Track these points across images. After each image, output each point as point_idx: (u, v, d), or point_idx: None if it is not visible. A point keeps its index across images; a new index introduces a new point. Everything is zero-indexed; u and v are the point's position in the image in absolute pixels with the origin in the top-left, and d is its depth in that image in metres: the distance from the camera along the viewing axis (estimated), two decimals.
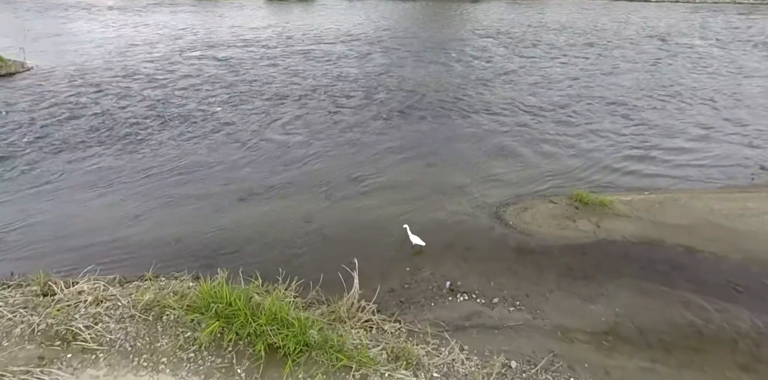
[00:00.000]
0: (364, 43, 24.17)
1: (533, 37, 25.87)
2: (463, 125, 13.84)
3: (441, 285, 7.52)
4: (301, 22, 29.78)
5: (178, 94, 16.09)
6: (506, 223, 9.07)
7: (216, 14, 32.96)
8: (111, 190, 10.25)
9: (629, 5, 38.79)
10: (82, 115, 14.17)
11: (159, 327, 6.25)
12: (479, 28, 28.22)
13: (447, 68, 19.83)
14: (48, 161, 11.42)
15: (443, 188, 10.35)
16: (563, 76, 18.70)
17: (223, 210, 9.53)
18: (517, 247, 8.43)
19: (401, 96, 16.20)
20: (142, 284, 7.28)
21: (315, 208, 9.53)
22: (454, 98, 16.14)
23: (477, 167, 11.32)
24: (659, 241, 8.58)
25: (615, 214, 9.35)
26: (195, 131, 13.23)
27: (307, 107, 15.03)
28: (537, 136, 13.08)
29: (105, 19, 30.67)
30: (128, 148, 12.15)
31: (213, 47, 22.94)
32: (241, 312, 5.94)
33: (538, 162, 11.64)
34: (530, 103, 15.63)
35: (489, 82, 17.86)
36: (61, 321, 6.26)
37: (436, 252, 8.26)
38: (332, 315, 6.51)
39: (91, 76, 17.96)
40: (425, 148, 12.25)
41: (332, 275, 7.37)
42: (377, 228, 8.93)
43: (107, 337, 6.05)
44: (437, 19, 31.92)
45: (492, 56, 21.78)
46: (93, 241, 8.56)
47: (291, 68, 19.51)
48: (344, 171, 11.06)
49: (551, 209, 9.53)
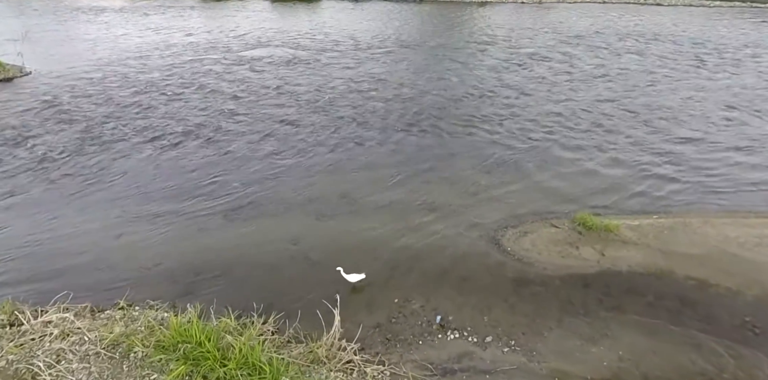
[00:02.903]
0: (365, 48, 23.69)
1: (540, 44, 25.18)
2: (464, 140, 13.31)
3: (431, 319, 7.03)
4: (304, 26, 29.38)
5: (173, 104, 15.75)
6: (504, 250, 8.55)
7: (221, 17, 32.73)
8: (94, 204, 9.91)
9: (640, 9, 37.84)
10: (71, 124, 13.87)
11: (125, 367, 5.85)
12: (485, 34, 27.58)
13: (450, 77, 19.29)
14: (29, 173, 11.11)
15: (439, 208, 9.85)
16: (571, 87, 18.02)
17: (207, 229, 9.14)
18: (515, 277, 7.90)
19: (400, 107, 15.70)
20: (114, 314, 6.90)
21: (303, 228, 9.10)
22: (456, 110, 15.62)
23: (476, 186, 10.79)
24: (668, 273, 8.00)
25: (621, 241, 8.77)
26: (186, 143, 12.88)
27: (300, 120, 14.58)
28: (541, 153, 12.51)
29: (111, 21, 30.57)
30: (115, 161, 11.81)
31: (214, 53, 22.64)
32: (210, 354, 5.51)
33: (540, 181, 11.08)
34: (534, 117, 15.02)
35: (493, 93, 17.29)
36: (22, 358, 5.89)
37: (427, 282, 7.77)
38: (310, 355, 6.05)
39: (88, 82, 17.72)
40: (422, 164, 11.75)
41: (315, 306, 6.94)
42: (366, 252, 8.47)
43: (68, 378, 5.66)
44: (443, 23, 31.34)
45: (497, 64, 21.18)
46: (70, 263, 8.21)
47: (288, 75, 19.11)
48: (336, 187, 10.61)
49: (553, 234, 8.99)
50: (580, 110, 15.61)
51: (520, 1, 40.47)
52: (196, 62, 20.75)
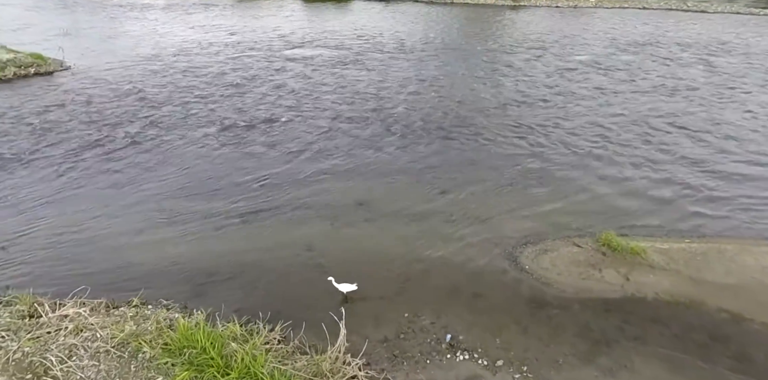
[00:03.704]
0: (393, 50, 23.58)
1: (575, 50, 24.41)
2: (488, 148, 12.99)
3: (441, 337, 6.82)
4: (342, 27, 29.50)
5: (203, 102, 16.07)
6: (522, 268, 8.23)
7: (261, 16, 33.25)
8: (118, 200, 10.17)
9: (686, 16, 36.21)
10: (103, 119, 14.34)
11: (132, 367, 5.92)
12: (517, 39, 26.98)
13: (477, 82, 18.93)
14: (61, 166, 11.52)
15: (456, 220, 9.61)
16: (627, 99, 17.21)
17: (224, 230, 9.21)
18: (531, 298, 7.59)
19: (423, 112, 15.49)
20: (127, 311, 7.01)
21: (317, 235, 9.04)
22: (482, 117, 15.29)
23: (496, 197, 10.49)
24: (699, 303, 7.50)
25: (648, 265, 8.31)
26: (212, 142, 13.08)
27: (316, 123, 14.53)
28: (567, 165, 12.07)
29: (154, 18, 31.55)
30: (142, 156, 12.12)
31: (256, 52, 22.94)
32: (213, 361, 5.49)
33: (565, 195, 10.66)
34: (579, 129, 14.44)
35: (522, 101, 16.84)
36: (37, 351, 6.04)
37: (439, 298, 7.55)
38: (314, 368, 5.95)
39: (126, 77, 18.29)
40: (441, 173, 11.52)
41: (322, 316, 6.84)
42: (379, 263, 8.33)
43: (78, 375, 5.77)
44: (473, 26, 30.88)
45: (528, 70, 20.68)
46: (91, 257, 8.43)
47: (314, 76, 19.18)
48: (353, 193, 10.52)
49: (575, 254, 8.60)
50: (630, 123, 14.88)
51: (555, 5, 39.48)
52: (236, 60, 21.08)
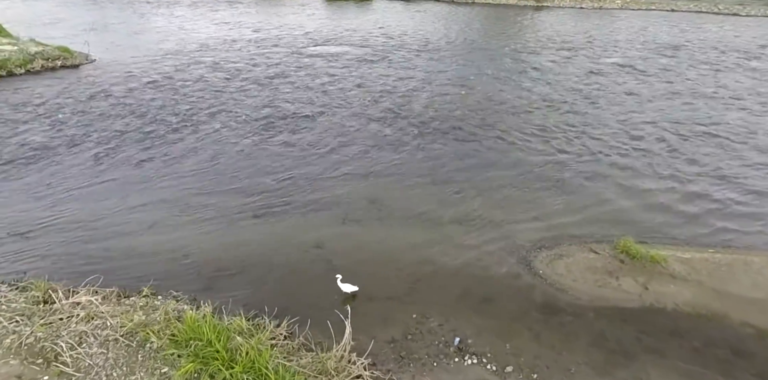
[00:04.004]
0: (418, 49, 23.45)
1: (606, 53, 23.79)
2: (509, 151, 12.73)
3: (449, 341, 6.68)
4: (365, 25, 29.52)
5: (229, 97, 16.21)
6: (536, 272, 8.02)
7: (285, 14, 33.52)
8: (140, 193, 10.29)
9: (719, 19, 35.09)
10: (128, 112, 14.59)
11: (139, 357, 5.95)
12: (544, 39, 26.50)
13: (504, 82, 18.64)
14: (90, 158, 11.75)
15: (469, 221, 9.44)
16: (639, 102, 16.77)
17: (236, 225, 9.24)
18: (544, 304, 7.38)
19: (447, 112, 15.32)
20: (138, 301, 7.07)
21: (328, 233, 8.99)
22: (506, 118, 15.01)
23: (511, 200, 10.27)
24: (722, 316, 7.18)
25: (669, 275, 8.00)
26: (235, 137, 13.16)
27: (339, 120, 14.54)
28: (590, 172, 11.72)
29: (181, 15, 32.10)
30: (160, 150, 12.27)
31: (280, 48, 23.11)
32: (218, 355, 5.48)
33: (585, 201, 10.36)
34: (604, 134, 14.01)
35: (548, 103, 16.44)
36: (48, 337, 6.13)
37: (449, 300, 7.41)
38: (319, 366, 5.88)
39: (148, 71, 18.62)
40: (457, 174, 11.35)
41: (329, 314, 6.77)
42: (389, 262, 8.23)
43: (86, 362, 5.83)
44: (497, 26, 30.54)
45: (557, 72, 20.23)
46: (107, 248, 8.54)
47: (340, 73, 19.18)
48: (366, 192, 10.44)
49: (591, 260, 8.35)
50: (662, 130, 14.38)
51: (579, 7, 38.77)
52: (261, 56, 21.27)
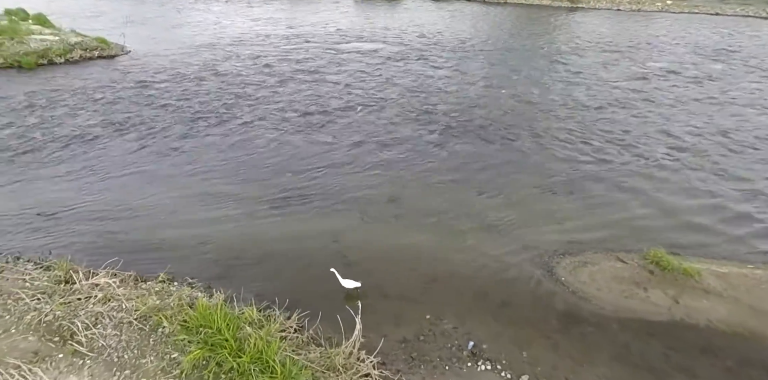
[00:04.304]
0: (455, 48, 23.09)
1: (652, 56, 22.78)
2: (536, 153, 12.32)
3: (462, 344, 6.45)
4: (397, 24, 29.41)
5: (253, 91, 16.37)
6: (557, 279, 7.68)
7: (311, 11, 33.81)
8: (161, 181, 10.48)
9: (759, 23, 33.25)
10: (155, 103, 14.92)
11: (151, 341, 5.98)
12: (585, 41, 25.61)
13: (544, 83, 18.09)
14: (113, 143, 12.07)
15: (491, 224, 9.15)
16: (687, 107, 15.91)
17: (254, 216, 9.26)
18: (565, 312, 7.05)
19: (476, 113, 14.99)
20: (154, 286, 7.14)
21: (345, 227, 8.89)
22: (544, 119, 14.54)
23: (536, 204, 9.91)
24: (759, 336, 6.67)
25: (702, 289, 7.51)
26: (257, 129, 13.26)
27: (369, 117, 14.43)
28: (625, 177, 11.18)
29: (217, 10, 32.78)
30: (188, 138, 12.48)
31: (304, 43, 23.29)
32: (227, 343, 5.44)
33: (616, 207, 9.89)
34: (632, 136, 13.44)
35: (589, 105, 15.80)
36: (66, 316, 6.25)
37: (465, 302, 7.17)
38: (327, 361, 5.77)
39: (182, 63, 19.03)
40: (480, 174, 11.05)
41: (340, 309, 6.65)
42: (404, 261, 8.05)
43: (100, 342, 5.90)
44: (533, 27, 29.83)
45: (601, 75, 19.37)
46: (129, 232, 8.70)
47: (376, 70, 19.06)
48: (386, 189, 10.30)
49: (618, 269, 7.93)
50: (709, 136, 13.62)
51: (616, 8, 37.47)
52: (297, 52, 21.42)
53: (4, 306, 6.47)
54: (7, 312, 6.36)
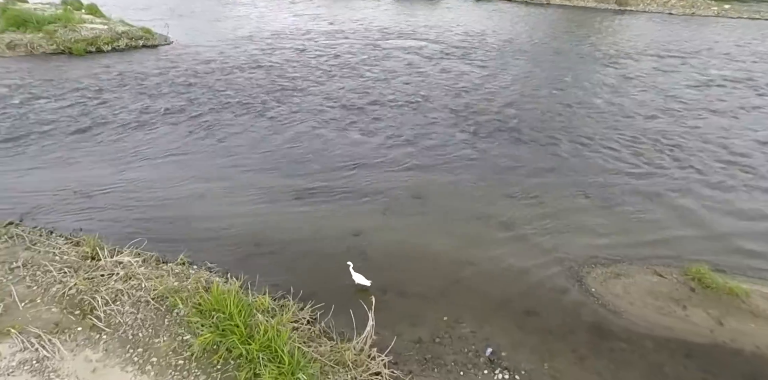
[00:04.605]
0: (499, 48, 22.45)
1: (714, 63, 21.26)
2: (579, 156, 11.70)
3: (480, 350, 6.14)
4: (432, 21, 29.07)
5: (291, 84, 16.43)
6: (587, 290, 7.21)
7: (351, 8, 33.87)
8: (191, 165, 10.64)
9: None
10: (195, 91, 15.24)
11: (166, 321, 6.01)
12: (635, 45, 24.29)
13: (589, 87, 17.26)
14: (148, 129, 12.38)
15: (519, 228, 8.74)
16: (753, 117, 14.80)
17: (278, 205, 9.24)
18: (593, 325, 6.59)
19: (511, 113, 14.44)
20: (174, 268, 7.20)
21: (367, 222, 8.72)
22: (585, 123, 13.81)
23: (571, 210, 9.39)
24: None
25: (750, 312, 6.86)
26: (291, 122, 13.27)
27: (408, 113, 14.15)
28: (668, 187, 10.43)
29: (262, 5, 33.33)
30: (219, 127, 12.66)
31: (345, 39, 23.30)
32: (237, 329, 5.36)
33: (657, 218, 9.24)
34: (686, 145, 12.54)
35: (644, 112, 14.84)
36: (88, 290, 6.37)
37: (486, 307, 6.84)
38: (337, 355, 5.60)
39: (220, 55, 19.41)
40: (514, 177, 10.61)
41: (355, 305, 6.47)
42: (425, 259, 7.79)
43: (117, 319, 5.97)
44: (581, 30, 28.70)
45: (659, 81, 18.21)
46: (156, 214, 8.85)
47: (410, 67, 18.86)
48: (412, 185, 10.05)
49: (655, 284, 7.37)
50: (765, 156, 12.43)
51: (667, 12, 35.56)
52: (338, 47, 21.45)
53: (33, 277, 6.68)
54: (35, 283, 6.55)
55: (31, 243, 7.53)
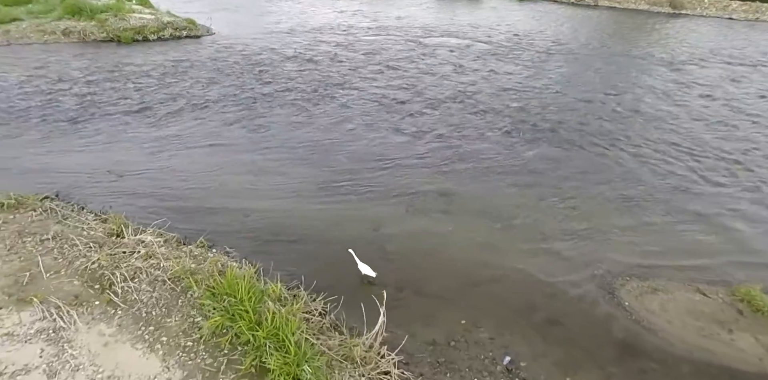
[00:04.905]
0: (548, 50, 21.60)
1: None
2: (625, 164, 10.95)
3: (497, 358, 5.78)
4: (475, 20, 28.44)
5: (332, 78, 16.33)
6: (619, 303, 6.69)
7: (393, 5, 33.63)
8: (223, 154, 10.71)
9: None
10: (232, 81, 15.45)
11: (179, 301, 6.00)
12: (696, 51, 22.68)
13: (637, 93, 16.23)
14: (190, 117, 12.62)
15: (549, 233, 8.26)
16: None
17: (301, 195, 9.16)
18: (624, 342, 6.09)
19: (561, 115, 13.72)
20: (193, 250, 7.23)
21: (389, 216, 8.49)
22: (630, 130, 12.91)
23: (612, 217, 8.81)
24: None
25: None
26: (327, 113, 13.21)
27: (439, 110, 13.82)
28: (722, 201, 9.64)
29: (304, 2, 33.68)
30: (257, 118, 12.71)
31: (387, 35, 23.10)
32: (246, 315, 5.26)
33: (702, 235, 8.49)
34: (741, 159, 11.58)
35: (696, 121, 13.87)
36: (109, 266, 6.46)
37: (507, 313, 6.46)
38: (346, 351, 5.40)
39: (261, 46, 19.67)
40: (546, 178, 10.09)
41: (369, 300, 6.24)
42: (446, 259, 7.48)
43: (133, 296, 6.01)
44: (629, 33, 27.30)
45: (720, 88, 17.01)
46: (182, 196, 8.96)
47: (448, 67, 18.46)
48: (440, 183, 9.73)
49: (697, 303, 6.75)
50: None
51: (728, 17, 33.28)
52: (381, 43, 21.37)
53: (61, 249, 6.85)
54: (62, 256, 6.72)
55: (63, 217, 7.76)
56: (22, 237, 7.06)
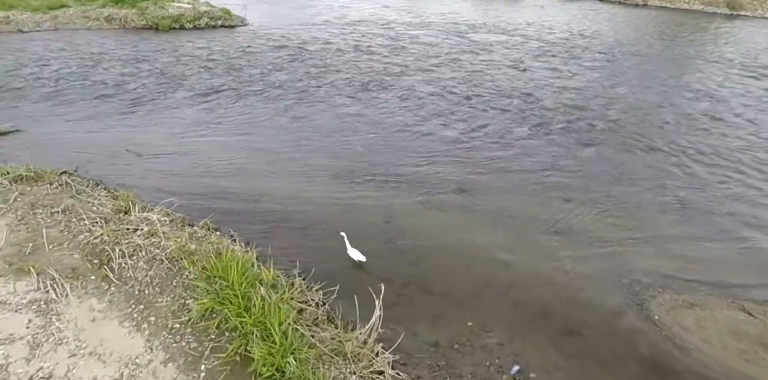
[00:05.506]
0: (604, 50, 20.38)
1: None
2: (662, 168, 10.12)
3: (505, 366, 5.26)
4: (518, 18, 27.41)
5: (368, 69, 16.04)
6: (648, 315, 5.99)
7: (433, 2, 32.97)
8: (242, 138, 10.61)
9: None
10: (264, 69, 15.41)
11: (173, 282, 5.81)
12: (759, 55, 21.08)
13: (703, 99, 14.91)
14: (221, 102, 12.62)
15: (575, 235, 7.59)
16: None
17: (314, 182, 8.89)
18: (651, 359, 5.42)
19: (611, 117, 12.85)
20: (197, 231, 7.06)
21: (402, 210, 8.06)
22: (686, 135, 11.97)
23: (649, 223, 8.03)
24: None
25: None
26: (350, 101, 12.98)
27: (487, 106, 13.20)
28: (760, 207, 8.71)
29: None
30: (277, 104, 12.60)
31: (423, 31, 22.65)
32: (235, 300, 4.97)
33: (756, 245, 7.61)
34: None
35: (755, 128, 12.73)
36: (110, 242, 6.36)
37: (519, 318, 5.91)
38: (338, 345, 5.02)
39: (291, 37, 19.63)
40: (575, 179, 9.37)
41: (369, 293, 5.84)
42: (459, 256, 6.99)
43: (129, 273, 5.87)
44: (685, 34, 25.47)
45: (751, 97, 15.58)
46: (193, 180, 8.87)
47: (492, 64, 17.69)
48: (459, 179, 9.22)
49: (739, 322, 5.96)
50: None
51: None
52: (424, 38, 21.02)
53: (68, 223, 6.83)
54: (68, 229, 6.69)
55: (77, 192, 7.78)
56: (34, 208, 7.10)
